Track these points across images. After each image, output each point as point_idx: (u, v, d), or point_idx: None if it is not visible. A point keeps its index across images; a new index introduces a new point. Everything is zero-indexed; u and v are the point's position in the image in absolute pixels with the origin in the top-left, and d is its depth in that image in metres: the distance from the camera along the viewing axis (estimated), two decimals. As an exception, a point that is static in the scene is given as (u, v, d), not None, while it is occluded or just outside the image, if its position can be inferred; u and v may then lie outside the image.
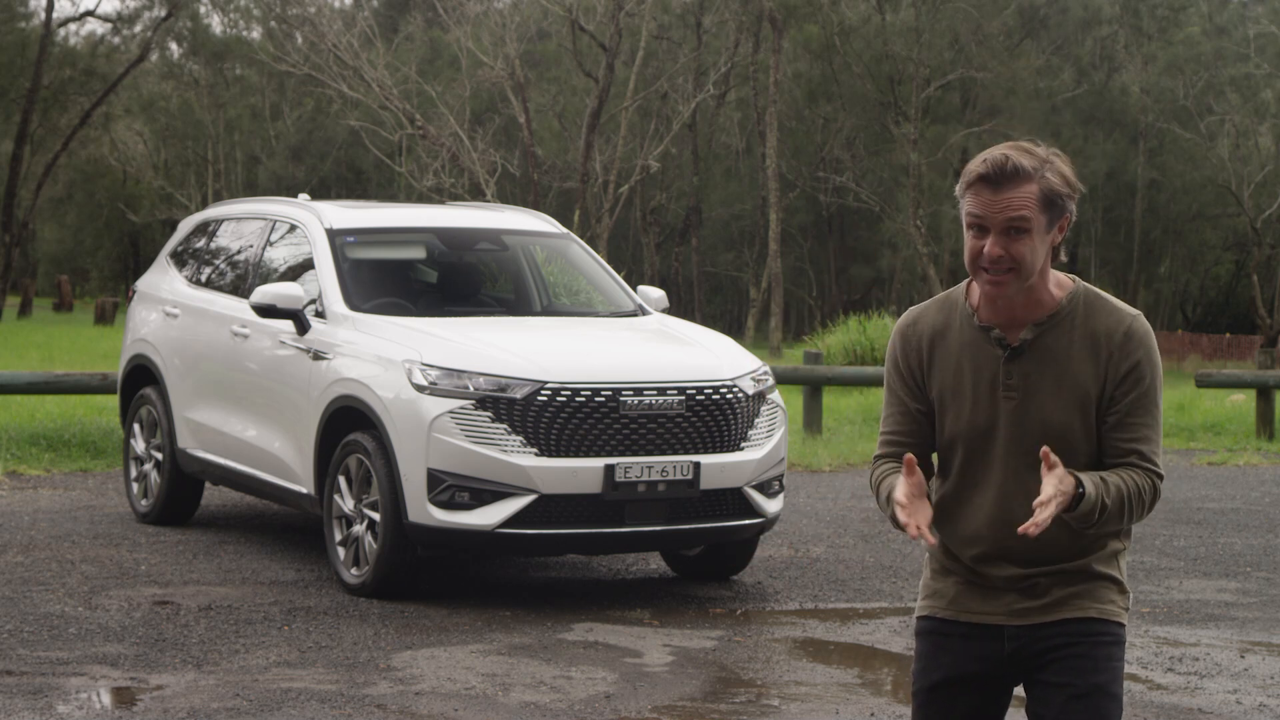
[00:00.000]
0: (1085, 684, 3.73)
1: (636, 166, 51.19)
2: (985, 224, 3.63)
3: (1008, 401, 3.74)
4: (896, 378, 3.88)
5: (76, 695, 7.06)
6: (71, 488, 12.97)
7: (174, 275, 11.73)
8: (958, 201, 3.73)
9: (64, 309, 59.70)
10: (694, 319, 45.87)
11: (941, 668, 3.85)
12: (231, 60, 66.66)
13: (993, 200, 3.61)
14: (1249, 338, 53.26)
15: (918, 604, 3.95)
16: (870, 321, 25.29)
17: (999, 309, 3.75)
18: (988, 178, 3.61)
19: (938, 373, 3.82)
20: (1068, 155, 3.76)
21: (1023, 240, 3.62)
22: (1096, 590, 3.78)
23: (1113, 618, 3.79)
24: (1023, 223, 3.61)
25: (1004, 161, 3.60)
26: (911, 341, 3.86)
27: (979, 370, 3.77)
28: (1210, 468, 16.34)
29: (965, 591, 3.84)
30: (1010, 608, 3.79)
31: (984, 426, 3.76)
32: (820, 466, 15.38)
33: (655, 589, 9.74)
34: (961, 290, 3.84)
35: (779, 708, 7.15)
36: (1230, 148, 55.89)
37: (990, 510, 3.77)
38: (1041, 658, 3.77)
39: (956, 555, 3.85)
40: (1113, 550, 3.82)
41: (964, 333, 3.80)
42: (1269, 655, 8.27)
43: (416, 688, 7.26)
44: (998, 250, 3.62)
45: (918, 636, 3.93)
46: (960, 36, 55.14)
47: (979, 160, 3.63)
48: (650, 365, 9.24)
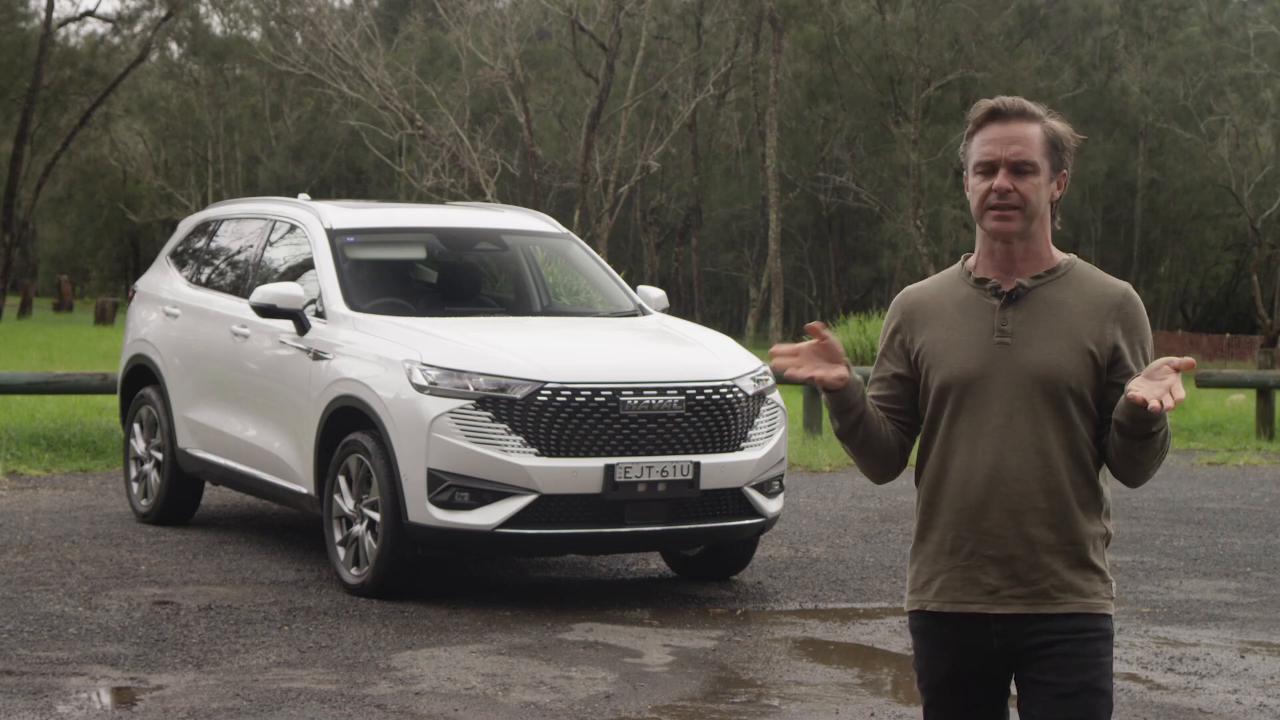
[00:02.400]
0: (1072, 682, 3.72)
1: (636, 166, 51.19)
2: (995, 160, 3.74)
3: (1001, 347, 3.77)
4: (883, 342, 3.97)
5: (76, 695, 7.06)
6: (71, 488, 12.97)
7: (174, 275, 11.73)
8: (961, 166, 3.83)
9: (64, 309, 59.71)
10: (694, 319, 45.89)
11: (942, 666, 3.86)
12: (231, 60, 66.67)
13: (1003, 133, 3.74)
14: (1249, 338, 53.28)
15: (906, 598, 3.95)
16: (870, 321, 25.33)
17: (998, 260, 3.81)
18: (999, 112, 3.76)
19: (926, 332, 3.86)
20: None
21: (1029, 179, 3.74)
22: (1080, 583, 3.76)
23: (1098, 610, 3.78)
24: (1029, 165, 3.74)
25: (1013, 99, 3.77)
26: (902, 307, 3.93)
27: (972, 321, 3.81)
28: (1210, 468, 16.34)
29: (950, 579, 3.81)
30: (995, 593, 3.75)
31: (975, 373, 3.78)
32: (820, 466, 15.38)
33: (655, 589, 9.74)
34: (957, 264, 3.93)
35: (779, 708, 7.15)
36: (1230, 148, 55.90)
37: (982, 460, 3.76)
38: (1029, 654, 3.76)
39: (943, 522, 3.82)
40: (1098, 533, 3.80)
41: (958, 292, 3.86)
42: (1269, 655, 8.27)
43: (416, 688, 7.26)
44: (1006, 183, 3.73)
45: (913, 634, 3.94)
46: (960, 36, 55.16)
47: (987, 100, 3.79)
48: (650, 365, 9.24)
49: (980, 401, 3.77)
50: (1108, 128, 59.97)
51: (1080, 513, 3.76)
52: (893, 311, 3.95)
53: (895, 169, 56.34)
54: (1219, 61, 57.69)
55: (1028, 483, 3.73)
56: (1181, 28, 60.92)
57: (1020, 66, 56.47)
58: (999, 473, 3.74)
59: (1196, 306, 65.94)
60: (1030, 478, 3.73)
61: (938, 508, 3.84)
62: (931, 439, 3.86)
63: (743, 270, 63.35)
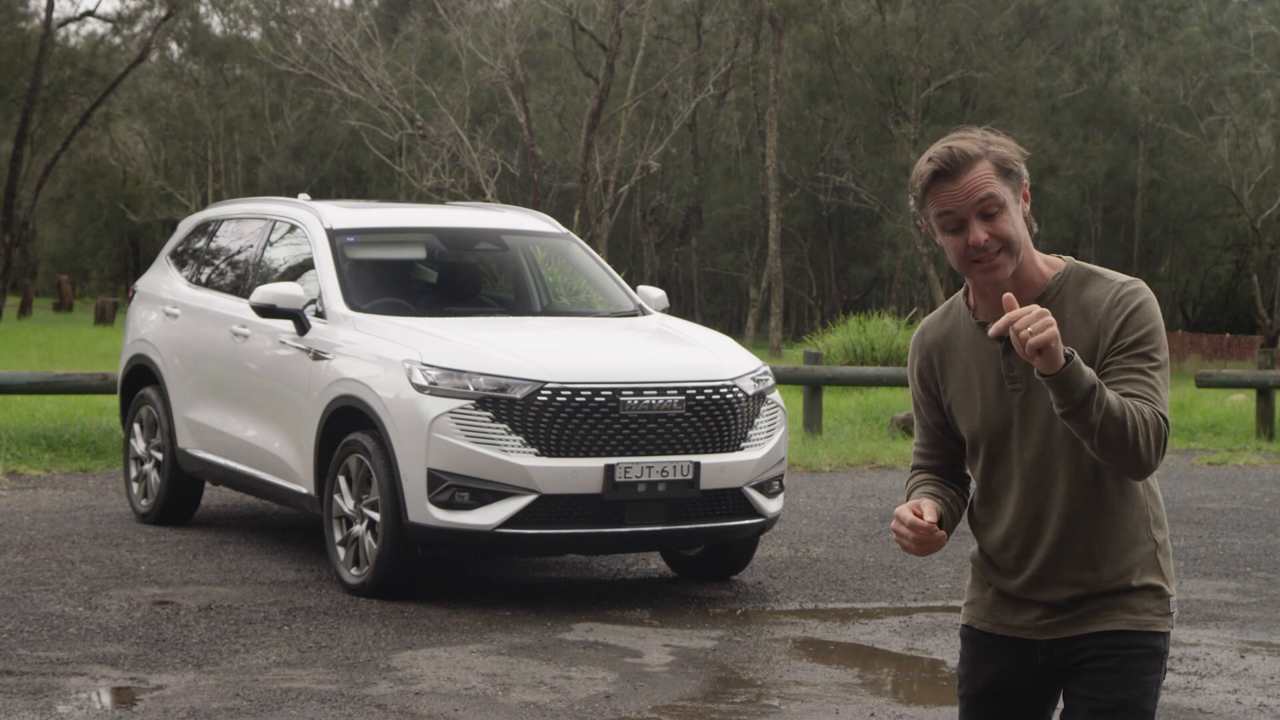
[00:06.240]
0: (1111, 699, 3.67)
1: (636, 166, 51.20)
2: (959, 215, 3.59)
3: (1014, 394, 3.69)
4: (915, 392, 3.90)
5: (76, 695, 7.06)
6: (71, 488, 12.97)
7: (174, 275, 11.73)
8: (918, 218, 3.69)
9: (64, 309, 59.70)
10: (694, 319, 45.87)
11: (983, 677, 3.84)
12: (231, 60, 66.68)
13: (955, 190, 3.58)
14: (1249, 338, 53.26)
15: (961, 610, 3.94)
16: (870, 321, 25.27)
17: (992, 301, 3.69)
18: (942, 172, 3.58)
19: (949, 379, 3.80)
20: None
21: (1000, 217, 3.59)
22: (1131, 600, 3.69)
23: (1148, 628, 3.69)
24: (992, 201, 3.58)
25: (949, 152, 3.58)
26: (921, 354, 3.86)
27: (985, 369, 3.74)
28: (1210, 468, 16.34)
29: (1000, 604, 3.79)
30: (1039, 622, 3.73)
31: (999, 425, 3.71)
32: (820, 466, 15.38)
33: (655, 589, 9.74)
34: (962, 293, 3.84)
35: (779, 708, 7.15)
36: (1230, 148, 55.89)
37: (1020, 512, 3.70)
38: (1074, 669, 3.72)
39: (994, 563, 3.80)
40: (1146, 553, 3.71)
41: (967, 334, 3.78)
42: (1269, 655, 8.27)
43: (416, 688, 7.26)
44: (982, 235, 3.58)
45: (961, 641, 3.92)
46: (960, 36, 55.15)
47: (924, 161, 3.60)
48: (650, 365, 9.24)
49: (1008, 450, 3.72)
50: (1108, 128, 59.97)
51: (1124, 542, 3.69)
52: (913, 352, 3.87)
53: (895, 169, 56.31)
54: (1219, 61, 57.68)
55: (1066, 529, 3.67)
56: (1181, 28, 60.90)
57: (1020, 66, 56.46)
58: (1037, 524, 3.70)
59: (1196, 306, 65.92)
60: (1067, 522, 3.68)
61: (985, 553, 3.83)
62: (975, 486, 3.84)
63: (743, 270, 63.34)
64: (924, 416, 3.88)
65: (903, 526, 3.63)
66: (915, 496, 3.81)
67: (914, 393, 3.90)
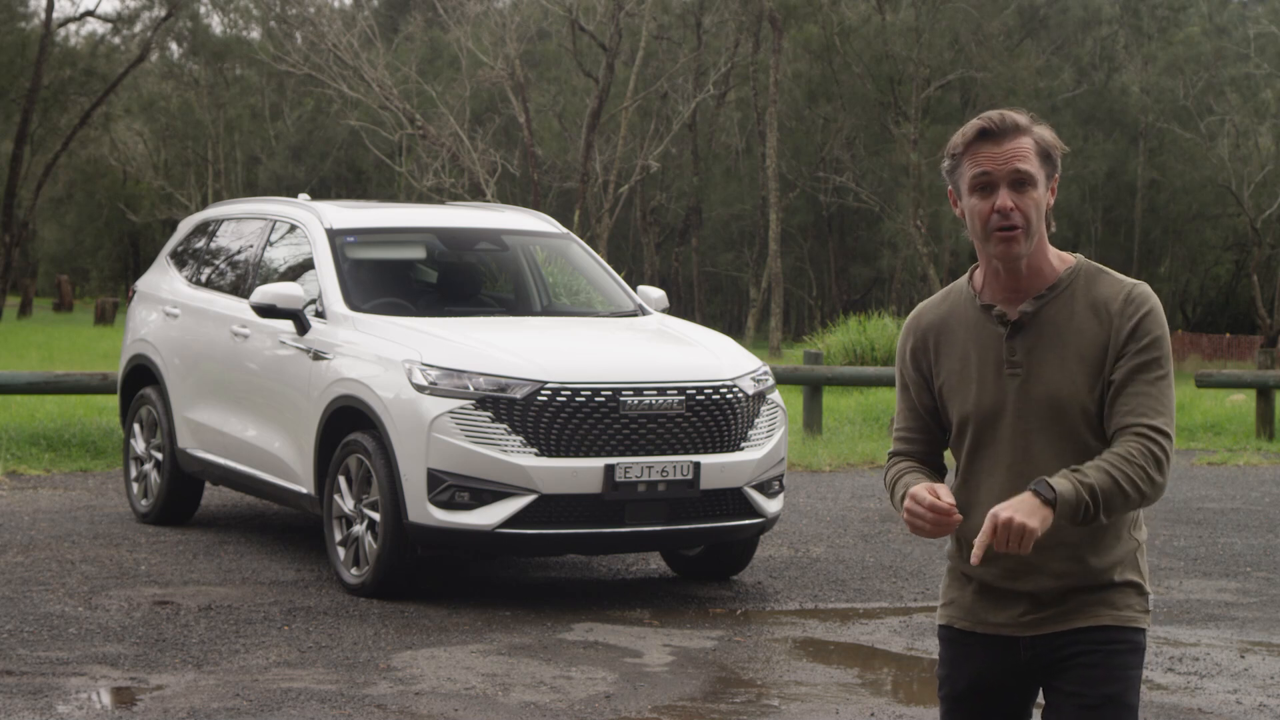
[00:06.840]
0: (1097, 694, 3.69)
1: (636, 166, 51.19)
2: (992, 178, 3.65)
3: (1013, 379, 3.71)
4: (903, 374, 3.90)
5: (76, 695, 7.06)
6: (71, 488, 12.97)
7: (174, 275, 11.73)
8: (949, 175, 3.73)
9: (64, 309, 59.69)
10: (694, 319, 45.88)
11: (964, 677, 3.84)
12: (231, 60, 66.69)
13: (997, 152, 3.65)
14: (1249, 338, 53.25)
15: (938, 610, 3.93)
16: (870, 321, 25.28)
17: (1002, 282, 3.73)
18: (989, 132, 3.66)
19: (944, 361, 3.81)
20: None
21: (1028, 194, 3.65)
22: (1113, 596, 3.73)
23: (1130, 624, 3.73)
24: (1027, 175, 3.65)
25: (1001, 117, 3.67)
26: (916, 335, 3.86)
27: (984, 351, 3.75)
28: (1210, 468, 16.34)
29: (980, 601, 3.80)
30: (1022, 618, 3.74)
31: (991, 408, 3.73)
32: (820, 466, 15.38)
33: (655, 589, 9.74)
34: (964, 278, 3.86)
35: (779, 708, 7.15)
36: (1230, 148, 55.89)
37: (1000, 495, 3.69)
38: (1057, 665, 3.73)
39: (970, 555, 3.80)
40: (1128, 550, 3.75)
41: (967, 316, 3.79)
42: (1269, 655, 8.27)
43: (416, 688, 7.26)
44: (1009, 202, 3.64)
45: (940, 642, 3.92)
46: (960, 36, 55.14)
47: (975, 120, 3.69)
48: (650, 365, 9.24)
49: (997, 435, 3.74)
50: (1108, 128, 59.97)
51: (1107, 539, 3.72)
52: (907, 333, 3.88)
53: (895, 169, 56.34)
54: (1219, 61, 57.67)
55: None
56: (1181, 28, 60.90)
57: (1020, 66, 56.47)
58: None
59: (1196, 306, 65.92)
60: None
61: (962, 543, 3.82)
62: (955, 470, 3.85)
63: (743, 270, 63.34)
64: (912, 399, 3.88)
65: (919, 507, 3.62)
66: (907, 483, 3.81)
67: (904, 375, 3.90)
